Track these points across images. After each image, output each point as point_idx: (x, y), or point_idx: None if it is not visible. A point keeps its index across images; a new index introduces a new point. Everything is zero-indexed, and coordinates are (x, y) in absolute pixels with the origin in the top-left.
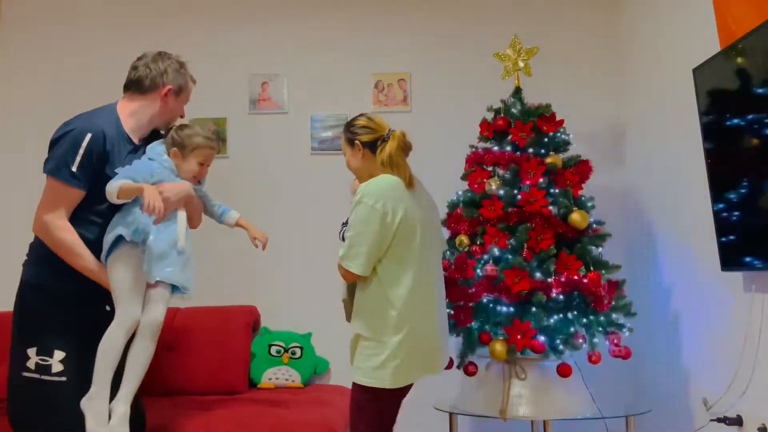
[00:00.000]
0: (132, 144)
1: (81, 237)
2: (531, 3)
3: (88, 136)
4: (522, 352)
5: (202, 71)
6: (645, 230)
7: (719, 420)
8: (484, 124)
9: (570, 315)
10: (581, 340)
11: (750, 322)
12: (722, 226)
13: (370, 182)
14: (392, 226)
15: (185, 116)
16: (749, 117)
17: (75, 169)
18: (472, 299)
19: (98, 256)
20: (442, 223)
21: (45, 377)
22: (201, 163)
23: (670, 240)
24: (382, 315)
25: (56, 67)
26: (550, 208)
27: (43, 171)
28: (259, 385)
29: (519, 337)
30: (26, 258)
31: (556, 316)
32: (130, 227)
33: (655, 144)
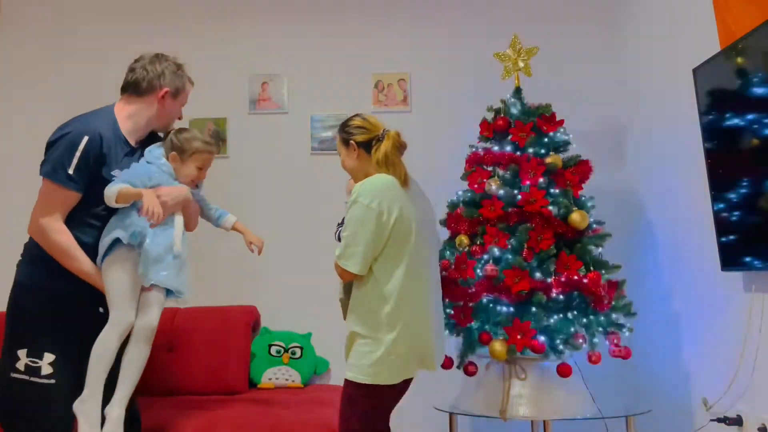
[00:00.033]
0: (129, 146)
1: (78, 240)
2: (531, 3)
3: (85, 138)
4: (522, 352)
5: (202, 71)
6: (645, 230)
7: (719, 420)
8: (484, 124)
9: (570, 315)
10: (581, 340)
11: (750, 322)
12: (722, 226)
13: (365, 182)
14: (388, 225)
15: (183, 118)
16: (749, 117)
17: (71, 171)
18: (472, 299)
19: (95, 259)
20: (442, 223)
21: (34, 379)
22: (200, 168)
23: (670, 240)
24: (378, 312)
25: (56, 67)
26: (550, 208)
27: (40, 173)
28: (259, 385)
29: (519, 337)
30: (20, 258)
31: (556, 316)
32: (128, 230)
33: (655, 144)
